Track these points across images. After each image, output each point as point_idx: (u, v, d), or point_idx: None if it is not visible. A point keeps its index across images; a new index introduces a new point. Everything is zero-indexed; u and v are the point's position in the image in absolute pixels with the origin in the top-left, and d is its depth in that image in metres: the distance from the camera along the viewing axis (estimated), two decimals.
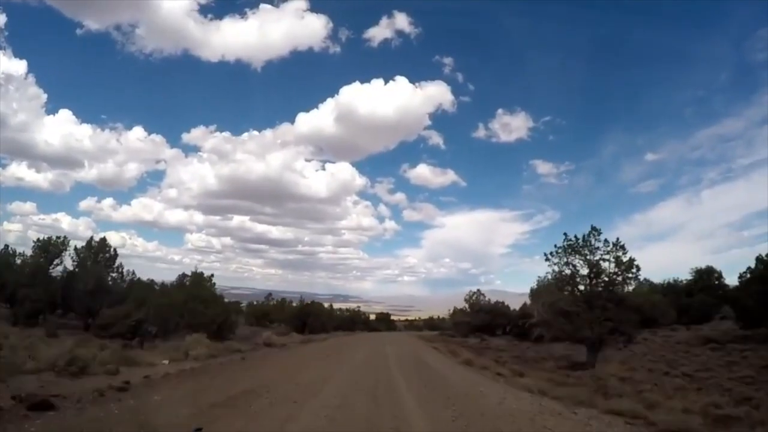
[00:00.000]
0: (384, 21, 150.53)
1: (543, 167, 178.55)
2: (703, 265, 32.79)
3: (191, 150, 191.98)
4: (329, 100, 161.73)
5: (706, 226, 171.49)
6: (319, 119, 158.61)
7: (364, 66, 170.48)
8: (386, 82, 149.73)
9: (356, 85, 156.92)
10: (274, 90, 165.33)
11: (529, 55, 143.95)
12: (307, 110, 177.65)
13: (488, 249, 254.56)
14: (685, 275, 33.74)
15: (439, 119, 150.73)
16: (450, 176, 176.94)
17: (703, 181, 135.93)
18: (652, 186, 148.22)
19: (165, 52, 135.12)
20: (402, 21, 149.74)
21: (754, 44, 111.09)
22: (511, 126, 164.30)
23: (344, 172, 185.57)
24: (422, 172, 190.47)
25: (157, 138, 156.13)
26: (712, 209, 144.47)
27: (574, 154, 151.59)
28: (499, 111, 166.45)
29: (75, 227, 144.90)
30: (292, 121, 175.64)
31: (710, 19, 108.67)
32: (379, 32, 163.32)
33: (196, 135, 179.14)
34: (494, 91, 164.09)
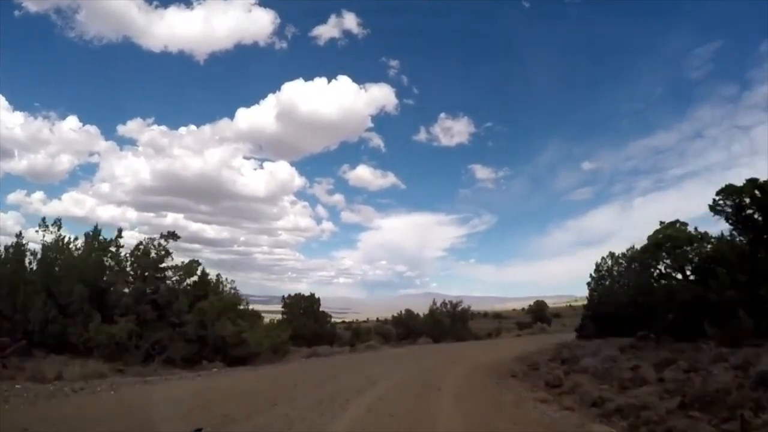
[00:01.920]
0: (332, 20, 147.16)
1: (481, 172, 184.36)
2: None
3: (127, 143, 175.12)
4: (271, 96, 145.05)
5: (638, 233, 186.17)
6: (259, 116, 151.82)
7: (308, 64, 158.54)
8: (330, 81, 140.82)
9: (299, 82, 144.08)
10: (215, 84, 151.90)
11: (475, 62, 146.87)
12: (248, 106, 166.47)
13: (424, 252, 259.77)
14: None
15: (381, 121, 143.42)
16: (390, 179, 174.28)
17: (635, 189, 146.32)
18: (586, 193, 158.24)
19: (105, 39, 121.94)
20: (351, 21, 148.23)
21: (691, 62, 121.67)
22: (453, 130, 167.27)
23: (283, 171, 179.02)
24: (362, 174, 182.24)
25: (92, 129, 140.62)
26: (644, 217, 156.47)
27: (513, 161, 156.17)
28: (442, 115, 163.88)
29: (3, 222, 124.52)
30: (232, 117, 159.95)
31: (651, 37, 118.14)
32: (326, 31, 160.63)
33: (132, 127, 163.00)
34: (438, 95, 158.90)
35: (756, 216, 14.37)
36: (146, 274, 15.60)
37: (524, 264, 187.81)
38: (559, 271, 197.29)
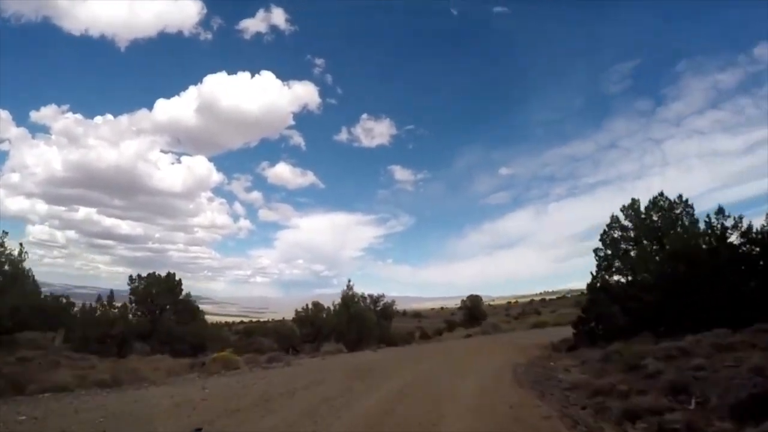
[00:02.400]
0: (260, 14, 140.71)
1: (401, 174, 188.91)
2: (548, 272, 30.23)
3: (39, 130, 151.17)
4: (192, 88, 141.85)
5: (552, 237, 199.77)
6: (179, 108, 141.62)
7: (233, 57, 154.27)
8: (253, 75, 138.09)
9: (222, 75, 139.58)
10: (135, 72, 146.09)
11: (400, 66, 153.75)
12: (168, 97, 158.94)
13: (342, 252, 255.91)
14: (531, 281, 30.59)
15: (303, 119, 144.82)
16: (309, 177, 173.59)
17: (551, 195, 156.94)
18: (503, 198, 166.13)
19: (24, 19, 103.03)
20: (279, 16, 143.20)
21: (610, 77, 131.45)
22: (374, 132, 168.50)
23: (201, 166, 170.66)
24: (281, 172, 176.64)
25: (3, 114, 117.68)
26: (558, 221, 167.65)
27: (432, 164, 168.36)
28: (364, 116, 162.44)
29: None
30: (151, 108, 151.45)
31: (573, 51, 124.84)
32: (253, 24, 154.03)
33: (46, 114, 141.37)
34: (362, 96, 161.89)
35: None
36: None
37: (441, 265, 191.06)
38: (475, 272, 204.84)
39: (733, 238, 12.68)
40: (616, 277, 14.78)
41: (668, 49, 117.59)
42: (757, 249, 12.19)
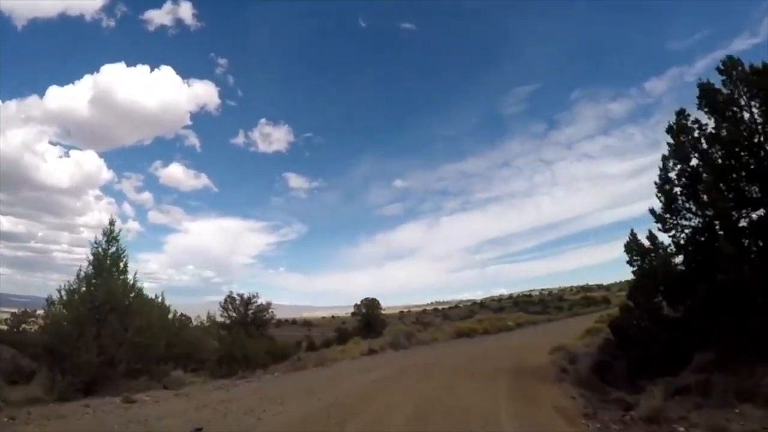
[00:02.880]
0: (168, 5, 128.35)
1: (296, 181, 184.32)
2: (439, 284, 24.66)
3: None
4: (88, 77, 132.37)
5: (444, 250, 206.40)
6: (72, 97, 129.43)
7: (134, 48, 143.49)
8: (153, 70, 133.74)
9: (121, 66, 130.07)
10: (30, 54, 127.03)
11: (303, 73, 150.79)
12: (62, 85, 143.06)
13: (233, 258, 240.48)
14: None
15: (200, 119, 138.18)
16: (202, 180, 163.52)
17: (444, 209, 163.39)
18: (397, 209, 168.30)
19: None
20: (186, 10, 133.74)
21: (507, 99, 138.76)
22: (272, 137, 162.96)
23: (91, 162, 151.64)
24: (174, 173, 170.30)
25: None
26: (450, 235, 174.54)
27: (328, 173, 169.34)
28: (263, 120, 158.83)
29: None
30: (42, 95, 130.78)
31: (476, 70, 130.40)
32: (159, 16, 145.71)
33: None
34: (262, 100, 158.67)
35: None
36: None
37: (333, 274, 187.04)
38: (368, 281, 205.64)
39: None
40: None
41: (565, 77, 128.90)
42: None
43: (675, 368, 6.80)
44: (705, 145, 7.78)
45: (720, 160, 7.47)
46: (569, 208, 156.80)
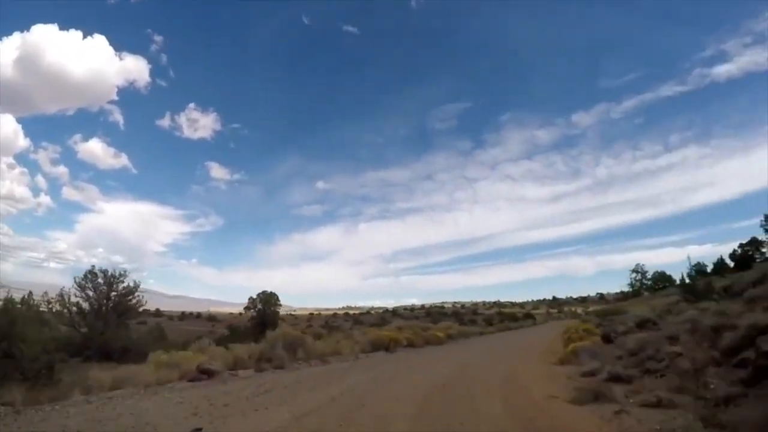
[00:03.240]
0: None
1: (218, 171, 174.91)
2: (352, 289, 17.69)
3: None
4: (17, 35, 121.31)
5: (359, 255, 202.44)
6: None
7: (69, 11, 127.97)
8: (86, 37, 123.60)
9: (53, 28, 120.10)
10: None
11: (240, 62, 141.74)
12: None
13: (145, 244, 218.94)
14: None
15: (128, 96, 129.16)
16: (122, 160, 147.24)
17: (363, 215, 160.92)
18: (316, 211, 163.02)
19: None
20: None
21: (437, 114, 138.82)
22: (199, 123, 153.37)
23: (8, 126, 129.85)
24: (94, 149, 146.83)
25: None
26: (367, 241, 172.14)
27: (251, 166, 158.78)
28: (192, 105, 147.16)
29: None
30: None
31: (410, 81, 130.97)
32: None
33: None
34: (193, 84, 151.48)
35: None
36: None
37: (247, 270, 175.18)
38: (281, 281, 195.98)
39: None
40: None
41: (497, 99, 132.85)
42: None
43: None
44: None
45: None
46: (487, 226, 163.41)
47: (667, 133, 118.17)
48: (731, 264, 34.39)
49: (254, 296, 40.75)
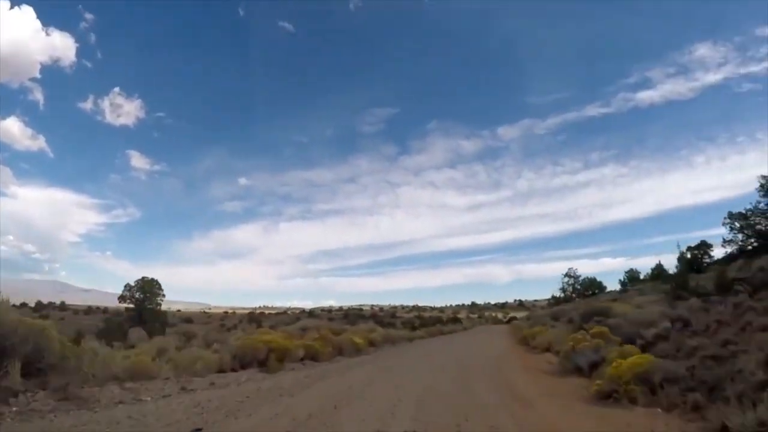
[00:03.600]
0: None
1: (138, 161, 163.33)
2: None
3: None
4: None
5: (278, 255, 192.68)
6: None
7: None
8: (13, 6, 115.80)
9: None
10: None
11: (171, 49, 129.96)
12: None
13: (59, 234, 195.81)
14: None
15: (50, 74, 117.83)
16: (39, 142, 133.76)
17: (284, 214, 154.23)
18: (237, 207, 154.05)
19: None
20: None
21: (364, 117, 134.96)
22: (123, 109, 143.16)
23: None
24: (10, 128, 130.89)
25: None
26: (287, 241, 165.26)
27: (173, 158, 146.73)
28: (117, 89, 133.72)
29: None
30: None
31: (339, 81, 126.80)
32: None
33: None
34: (120, 68, 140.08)
35: None
36: None
37: (163, 266, 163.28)
38: (199, 278, 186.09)
39: None
40: None
41: (424, 107, 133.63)
42: None
43: None
44: None
45: None
46: (407, 231, 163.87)
47: (587, 151, 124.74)
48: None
49: (132, 283, 30.94)
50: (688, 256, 32.82)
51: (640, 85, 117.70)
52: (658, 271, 31.11)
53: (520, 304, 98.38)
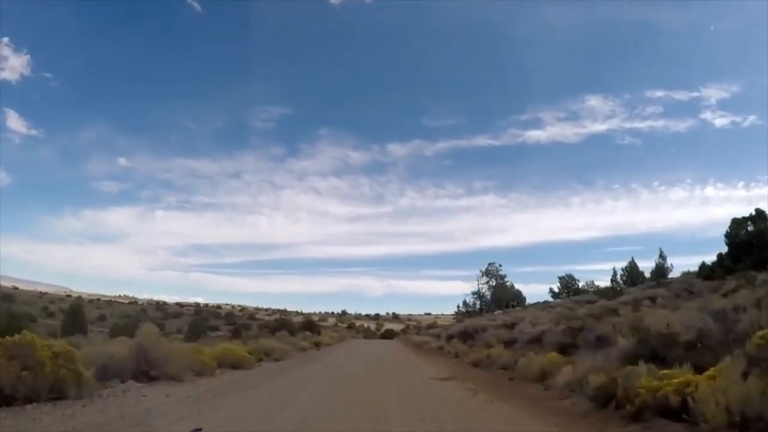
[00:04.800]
0: None
1: (16, 122, 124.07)
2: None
3: None
4: None
5: (150, 244, 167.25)
6: None
7: None
8: None
9: None
10: None
11: (71, 6, 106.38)
12: None
13: None
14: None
15: None
16: None
17: (162, 201, 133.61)
18: (113, 188, 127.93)
19: None
20: None
21: (258, 113, 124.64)
22: (7, 63, 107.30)
23: None
24: None
25: None
26: (160, 230, 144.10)
27: (53, 124, 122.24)
28: (5, 39, 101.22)
29: None
30: None
31: (236, 71, 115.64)
32: None
33: None
34: (12, 17, 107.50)
35: None
36: None
37: (25, 241, 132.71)
38: (64, 259, 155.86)
39: None
40: None
41: (318, 113, 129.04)
42: None
43: None
44: None
45: None
46: (285, 235, 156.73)
47: (471, 179, 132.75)
48: None
49: None
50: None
51: (531, 123, 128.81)
52: None
53: (395, 317, 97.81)
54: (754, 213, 20.17)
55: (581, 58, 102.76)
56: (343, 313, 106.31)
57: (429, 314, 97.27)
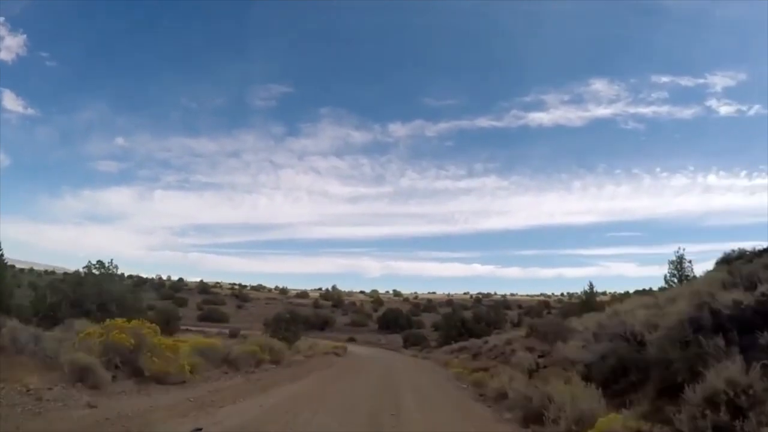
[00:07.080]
0: None
1: (12, 102, 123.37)
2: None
3: None
4: None
5: (150, 224, 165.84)
6: None
7: None
8: None
9: None
10: None
11: None
12: None
13: None
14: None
15: None
16: None
17: (161, 181, 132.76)
18: (112, 168, 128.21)
19: None
20: None
21: (258, 92, 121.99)
22: (4, 42, 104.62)
23: None
24: None
25: None
26: (160, 210, 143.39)
27: (50, 104, 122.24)
28: (2, 19, 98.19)
29: None
30: None
31: (235, 49, 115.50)
32: None
33: None
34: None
35: None
36: None
37: (25, 222, 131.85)
38: (64, 240, 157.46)
39: None
40: None
41: (319, 92, 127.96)
42: None
43: None
44: None
45: None
46: (285, 215, 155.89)
47: (472, 161, 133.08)
48: None
49: None
50: None
51: (534, 105, 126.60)
52: None
53: (396, 295, 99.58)
54: None
55: (587, 40, 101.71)
56: (333, 288, 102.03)
57: (434, 293, 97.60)
